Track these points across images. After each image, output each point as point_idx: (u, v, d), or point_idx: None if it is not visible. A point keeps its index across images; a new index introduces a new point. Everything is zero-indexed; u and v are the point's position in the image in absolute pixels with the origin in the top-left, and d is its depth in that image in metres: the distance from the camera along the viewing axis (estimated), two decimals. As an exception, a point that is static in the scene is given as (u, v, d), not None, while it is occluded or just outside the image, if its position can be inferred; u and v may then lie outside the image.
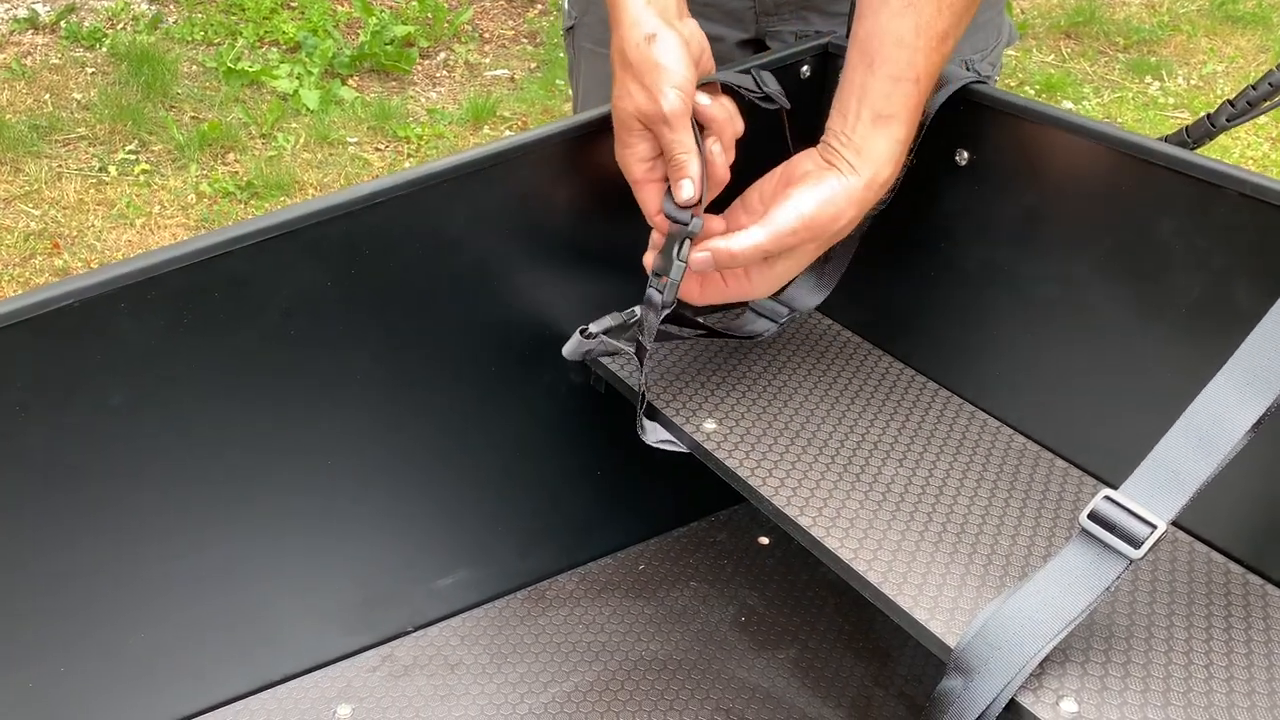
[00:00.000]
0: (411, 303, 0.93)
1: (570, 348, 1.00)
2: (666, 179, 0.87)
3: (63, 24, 3.66)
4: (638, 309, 0.94)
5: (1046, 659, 0.70)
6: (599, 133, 0.92)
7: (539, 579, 1.14)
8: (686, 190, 0.85)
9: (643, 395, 0.93)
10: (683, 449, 0.94)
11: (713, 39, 1.18)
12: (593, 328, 0.98)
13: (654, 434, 0.95)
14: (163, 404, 0.85)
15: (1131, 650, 0.75)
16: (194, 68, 3.55)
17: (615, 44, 0.86)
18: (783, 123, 0.95)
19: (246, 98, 3.41)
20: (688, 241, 0.86)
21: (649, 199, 0.88)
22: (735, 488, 0.90)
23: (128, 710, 0.93)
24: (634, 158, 0.87)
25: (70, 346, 0.79)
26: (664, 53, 0.84)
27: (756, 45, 1.19)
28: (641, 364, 0.91)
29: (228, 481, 0.91)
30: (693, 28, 0.88)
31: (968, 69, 1.15)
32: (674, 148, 0.85)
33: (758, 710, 1.03)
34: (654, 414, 0.96)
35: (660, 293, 0.88)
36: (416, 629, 1.07)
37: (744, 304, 1.06)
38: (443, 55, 3.84)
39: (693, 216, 0.85)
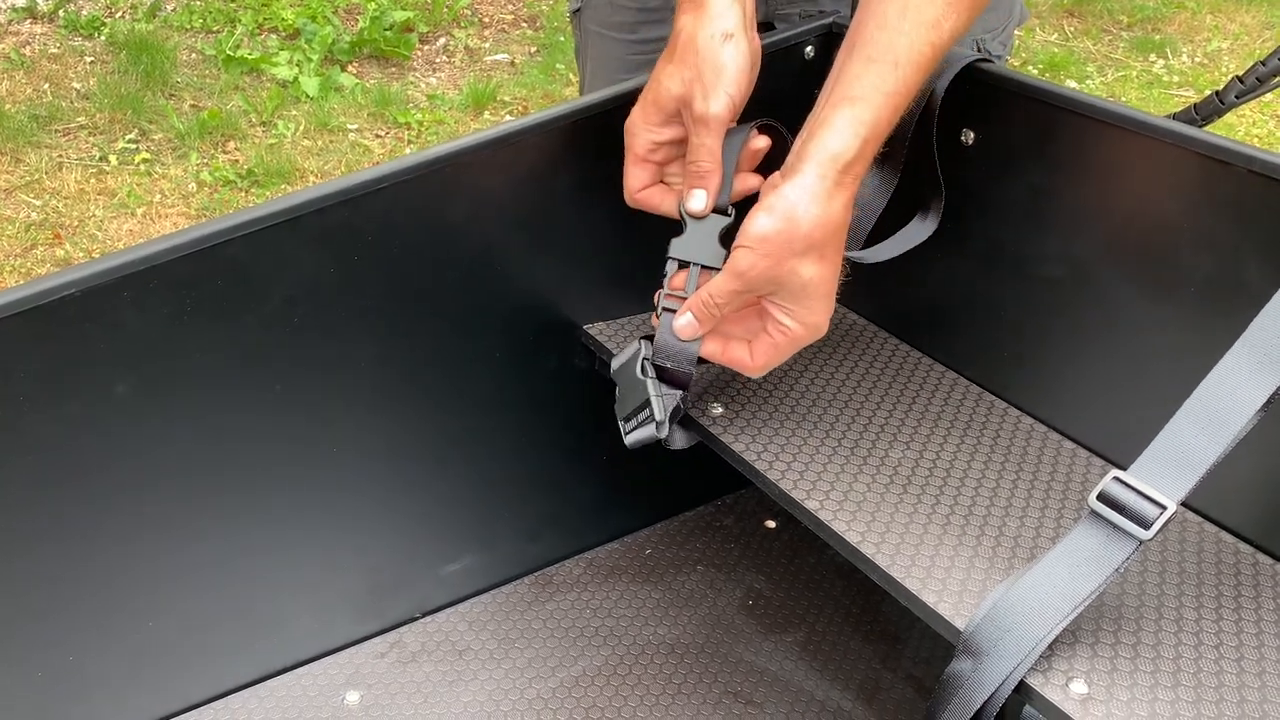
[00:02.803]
0: (414, 289, 0.92)
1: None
2: (661, 164, 0.86)
3: (61, 13, 3.65)
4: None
5: (1056, 641, 0.70)
6: (601, 116, 0.92)
7: (546, 564, 1.14)
8: (698, 201, 0.83)
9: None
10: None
11: None
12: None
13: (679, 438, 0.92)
14: (166, 392, 0.85)
15: (1141, 631, 0.75)
16: (193, 56, 3.54)
17: (686, 25, 0.82)
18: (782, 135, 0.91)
19: (246, 85, 3.40)
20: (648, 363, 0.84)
21: (635, 178, 0.86)
22: (742, 471, 0.90)
23: (136, 699, 0.94)
24: (649, 135, 0.84)
25: (72, 336, 0.79)
26: (734, 59, 0.81)
27: (765, 28, 1.18)
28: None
29: (233, 470, 0.91)
30: (758, 43, 0.85)
31: (979, 48, 1.14)
32: (701, 152, 0.82)
33: (765, 693, 1.03)
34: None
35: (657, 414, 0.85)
36: (424, 615, 1.07)
37: None
38: (442, 40, 3.82)
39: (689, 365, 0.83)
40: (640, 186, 0.86)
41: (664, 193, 0.87)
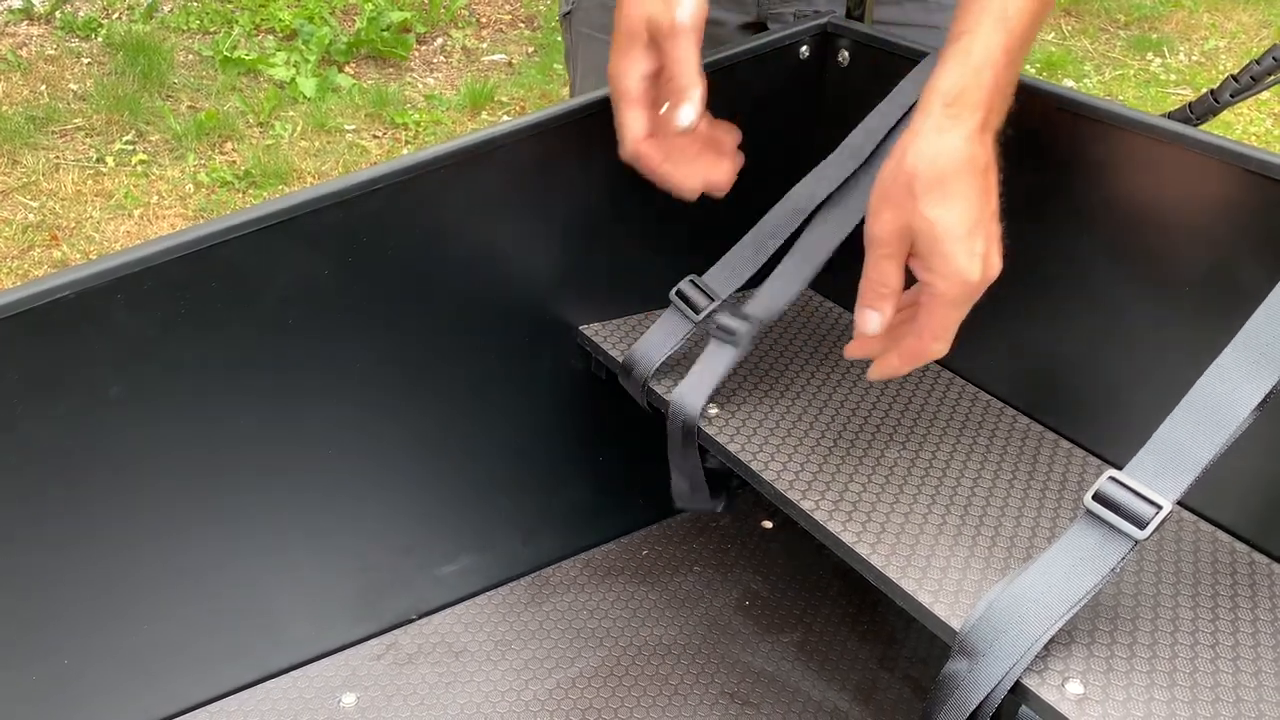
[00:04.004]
0: (410, 290, 0.92)
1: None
2: (654, 107, 0.83)
3: (57, 14, 3.65)
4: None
5: (1052, 641, 0.70)
6: (597, 116, 0.91)
7: (542, 565, 1.14)
8: (687, 114, 0.79)
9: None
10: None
11: (713, 23, 1.16)
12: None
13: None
14: (161, 394, 0.85)
15: (1137, 631, 0.75)
16: (190, 57, 3.54)
17: None
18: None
19: (243, 86, 3.40)
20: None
21: (634, 121, 0.82)
22: (738, 472, 0.90)
23: (132, 703, 0.93)
24: (633, 71, 0.81)
25: (67, 338, 0.79)
26: None
27: (758, 29, 1.18)
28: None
29: (228, 471, 0.90)
30: None
31: None
32: (679, 67, 0.79)
33: (763, 694, 1.03)
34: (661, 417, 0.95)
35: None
36: (420, 617, 1.07)
37: None
38: (440, 41, 3.82)
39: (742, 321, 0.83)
40: (642, 133, 0.82)
41: (664, 155, 0.83)
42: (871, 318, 0.77)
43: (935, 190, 0.72)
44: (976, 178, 0.73)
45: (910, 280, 0.77)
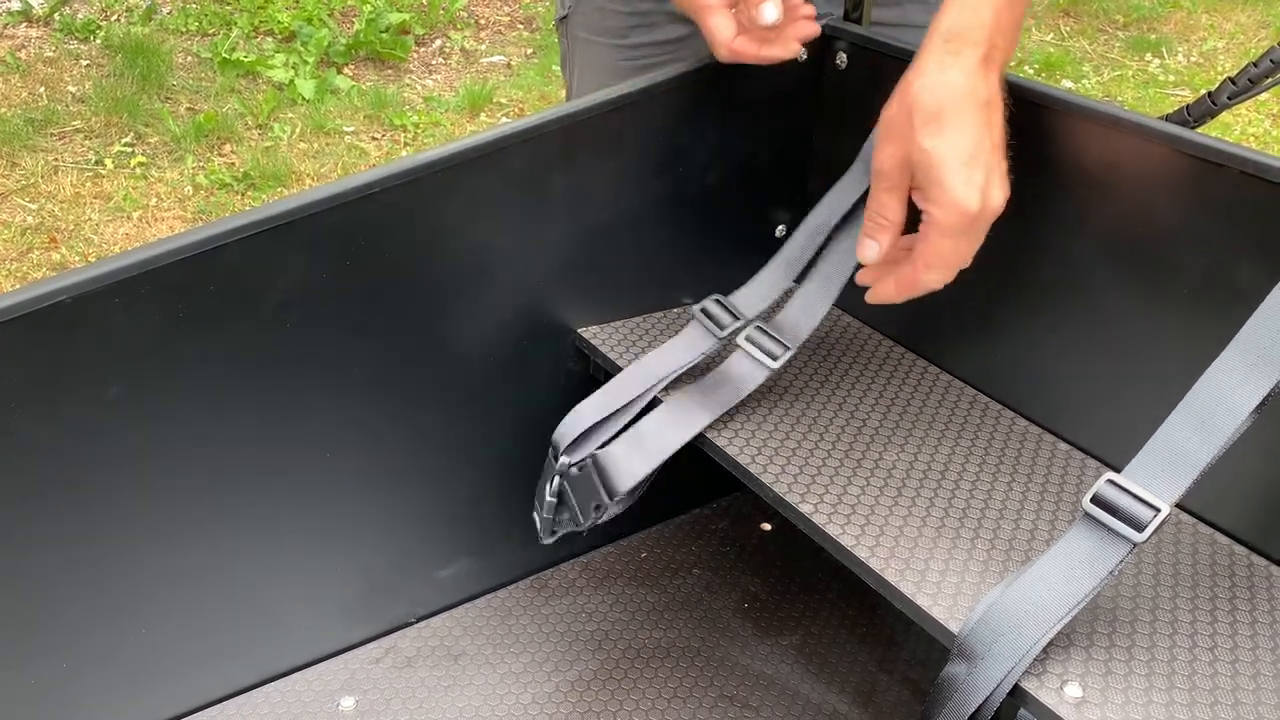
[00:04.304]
0: (408, 293, 0.92)
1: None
2: (732, 4, 0.85)
3: (56, 16, 3.65)
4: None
5: (1050, 644, 0.70)
6: (595, 120, 0.91)
7: (541, 568, 1.14)
8: (770, 12, 0.81)
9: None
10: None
11: None
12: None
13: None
14: (160, 398, 0.84)
15: (1136, 634, 0.75)
16: (189, 59, 3.54)
17: None
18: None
19: (242, 88, 3.40)
20: None
21: (721, 26, 0.84)
22: (736, 475, 0.90)
23: (130, 705, 0.93)
24: None
25: (65, 342, 0.79)
26: None
27: None
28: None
29: (227, 474, 0.90)
30: None
31: None
32: None
33: (762, 697, 1.03)
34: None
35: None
36: (419, 620, 1.07)
37: None
38: (438, 42, 3.82)
39: None
40: (732, 34, 0.84)
41: (758, 44, 0.85)
42: (870, 247, 0.81)
43: (933, 122, 0.75)
44: (977, 110, 0.75)
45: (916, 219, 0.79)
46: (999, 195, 0.76)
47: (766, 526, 1.22)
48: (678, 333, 0.95)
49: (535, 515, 0.95)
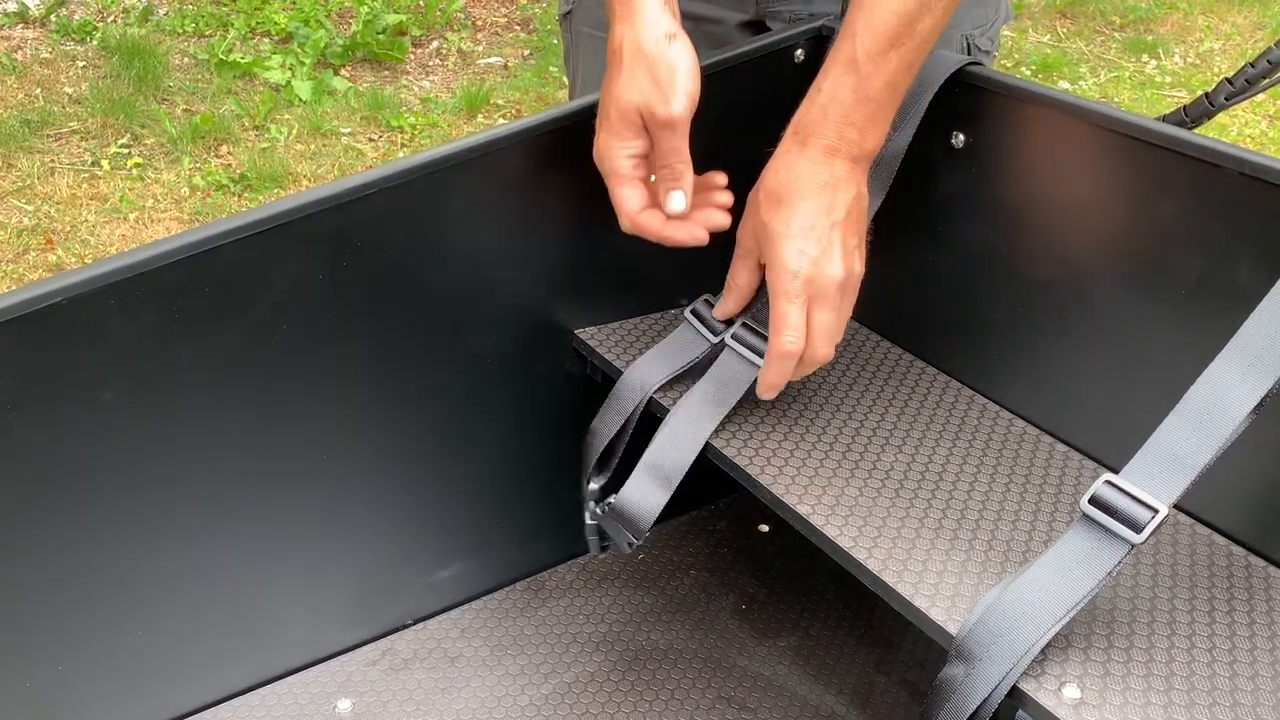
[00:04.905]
0: (404, 294, 0.92)
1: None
2: (646, 178, 0.86)
3: (53, 17, 3.64)
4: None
5: (1049, 645, 0.70)
6: (594, 120, 0.91)
7: (538, 570, 1.14)
8: (677, 201, 0.85)
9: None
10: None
11: (712, 21, 1.16)
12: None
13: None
14: (155, 399, 0.84)
15: (1134, 635, 0.75)
16: (185, 60, 3.53)
17: (626, 34, 0.84)
18: None
19: (239, 89, 3.39)
20: None
21: (629, 197, 0.87)
22: (734, 476, 0.90)
23: (126, 709, 0.93)
24: (623, 152, 0.85)
25: (61, 343, 0.79)
26: (683, 56, 0.83)
27: (757, 28, 1.17)
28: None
29: (222, 477, 0.90)
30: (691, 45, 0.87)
31: (968, 44, 1.14)
32: (673, 155, 0.84)
33: (760, 698, 1.02)
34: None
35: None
36: (416, 622, 1.07)
37: None
38: (435, 44, 3.82)
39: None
40: (640, 206, 0.87)
41: (662, 221, 0.88)
42: (719, 308, 0.92)
43: (773, 200, 0.85)
44: (816, 193, 0.84)
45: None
46: (836, 267, 0.83)
47: (764, 528, 1.22)
48: (670, 335, 0.95)
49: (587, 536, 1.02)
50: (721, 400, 0.91)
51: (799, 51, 1.02)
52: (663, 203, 0.85)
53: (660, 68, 0.82)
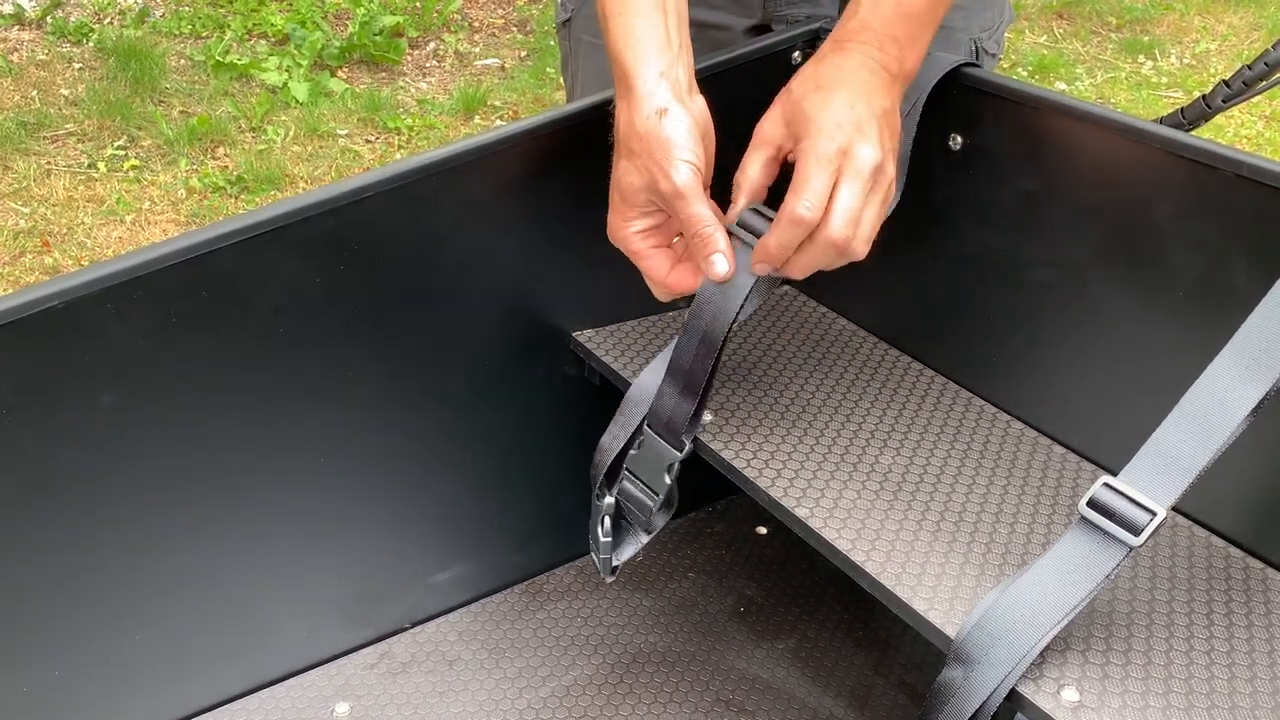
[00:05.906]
0: (402, 297, 0.92)
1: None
2: (667, 245, 0.85)
3: (49, 19, 3.64)
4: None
5: (1047, 648, 0.70)
6: (592, 122, 0.91)
7: (536, 573, 1.13)
8: (720, 266, 0.80)
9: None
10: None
11: (718, 27, 1.16)
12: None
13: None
14: (152, 403, 0.84)
15: (1132, 637, 0.75)
16: (182, 61, 3.53)
17: (623, 117, 0.83)
18: None
19: (235, 91, 3.39)
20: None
21: (655, 267, 0.85)
22: (732, 479, 0.90)
23: (124, 712, 0.93)
24: (632, 230, 0.84)
25: (58, 347, 0.79)
26: (676, 129, 0.80)
27: (763, 31, 1.17)
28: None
29: (220, 480, 0.90)
30: (701, 105, 0.84)
31: (976, 48, 1.14)
32: (695, 223, 0.80)
33: (758, 701, 1.02)
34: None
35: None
36: (413, 625, 1.07)
37: None
38: (432, 45, 3.81)
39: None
40: (666, 270, 0.85)
41: (695, 274, 0.85)
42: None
43: (810, 86, 0.81)
44: (858, 84, 0.80)
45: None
46: (873, 147, 0.78)
47: (762, 530, 1.22)
48: (670, 340, 0.95)
49: (593, 557, 0.96)
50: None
51: (797, 54, 1.02)
52: (705, 268, 0.82)
53: (655, 146, 0.80)
